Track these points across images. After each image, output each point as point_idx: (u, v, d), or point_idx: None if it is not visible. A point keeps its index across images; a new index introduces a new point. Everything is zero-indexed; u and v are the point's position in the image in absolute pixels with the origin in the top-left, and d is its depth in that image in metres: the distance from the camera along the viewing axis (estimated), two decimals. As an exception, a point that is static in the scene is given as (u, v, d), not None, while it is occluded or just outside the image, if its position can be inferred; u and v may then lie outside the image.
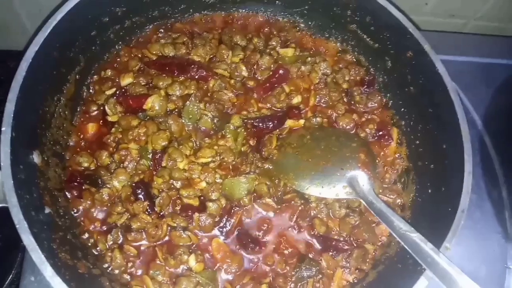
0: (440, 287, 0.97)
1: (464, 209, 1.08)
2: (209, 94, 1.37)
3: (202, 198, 1.23)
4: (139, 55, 1.43)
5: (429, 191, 1.26)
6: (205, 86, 1.38)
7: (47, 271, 0.92)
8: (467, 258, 1.41)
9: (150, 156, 1.25)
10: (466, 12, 1.86)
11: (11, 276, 1.29)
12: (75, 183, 1.20)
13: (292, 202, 1.28)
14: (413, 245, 1.04)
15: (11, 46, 1.70)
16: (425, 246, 1.02)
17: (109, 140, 1.28)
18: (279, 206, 1.27)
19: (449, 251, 1.04)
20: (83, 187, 1.21)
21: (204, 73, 1.38)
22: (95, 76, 1.38)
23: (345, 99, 1.45)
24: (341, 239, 1.26)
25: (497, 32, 1.94)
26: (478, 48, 1.83)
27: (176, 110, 1.32)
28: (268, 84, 1.42)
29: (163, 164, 1.24)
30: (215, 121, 1.33)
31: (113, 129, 1.29)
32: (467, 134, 1.16)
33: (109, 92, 1.33)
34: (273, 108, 1.40)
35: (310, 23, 1.56)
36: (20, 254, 1.30)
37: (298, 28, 1.57)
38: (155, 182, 1.22)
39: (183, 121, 1.30)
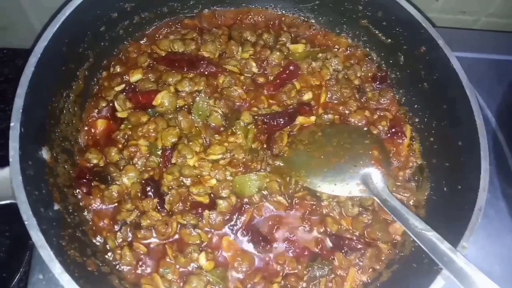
0: (455, 286, 0.95)
1: (481, 206, 1.06)
2: (219, 91, 1.36)
3: (212, 195, 1.22)
4: (148, 51, 1.41)
5: (444, 189, 1.23)
6: (215, 83, 1.36)
7: (56, 268, 0.90)
8: (482, 257, 1.39)
9: (159, 152, 1.24)
10: (477, 8, 1.84)
11: (19, 274, 1.28)
12: (84, 180, 1.19)
13: (304, 200, 1.25)
14: (429, 244, 1.01)
15: (19, 45, 1.69)
16: (442, 245, 0.99)
17: (118, 137, 1.26)
18: (290, 204, 1.24)
19: (466, 250, 1.01)
20: (92, 184, 1.20)
21: (214, 69, 1.37)
22: (104, 72, 1.37)
23: (357, 96, 1.42)
24: (354, 238, 1.23)
25: (509, 29, 1.92)
26: (490, 45, 1.81)
27: (186, 106, 1.31)
28: (278, 81, 1.40)
29: (173, 161, 1.22)
30: (225, 117, 1.31)
31: (122, 125, 1.28)
32: (483, 130, 1.14)
33: (118, 88, 1.32)
34: (283, 104, 1.38)
35: (320, 18, 1.55)
36: (29, 252, 1.29)
37: (308, 24, 1.55)
38: (164, 179, 1.20)
39: (192, 117, 1.28)
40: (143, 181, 1.20)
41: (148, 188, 1.18)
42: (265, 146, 1.30)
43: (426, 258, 1.03)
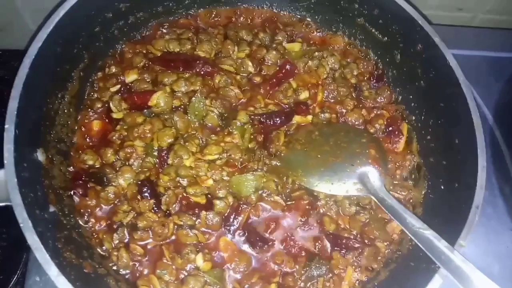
0: (454, 285, 0.95)
1: (478, 204, 1.05)
2: (215, 90, 1.35)
3: (209, 196, 1.21)
4: (144, 51, 1.41)
5: (442, 187, 1.22)
6: (211, 82, 1.35)
7: (52, 270, 0.90)
8: (480, 255, 1.39)
9: (155, 153, 1.23)
10: (473, 5, 1.83)
11: (16, 276, 1.27)
12: (80, 182, 1.18)
13: (301, 199, 1.25)
14: (427, 242, 1.01)
15: (15, 46, 1.68)
16: (439, 244, 0.99)
17: (114, 138, 1.26)
18: (287, 204, 1.24)
19: (463, 248, 1.01)
20: (88, 186, 1.19)
21: (210, 69, 1.36)
22: (99, 73, 1.36)
23: (353, 94, 1.42)
24: (352, 237, 1.23)
25: (506, 25, 1.91)
26: (487, 42, 1.80)
27: (182, 106, 1.30)
28: (275, 80, 1.40)
29: (169, 161, 1.21)
30: (221, 117, 1.30)
31: (118, 126, 1.27)
32: (480, 127, 1.13)
33: (113, 89, 1.32)
34: (280, 104, 1.38)
35: (316, 17, 1.54)
36: (26, 254, 1.28)
37: (304, 23, 1.55)
38: (161, 180, 1.20)
39: (189, 117, 1.28)
40: (139, 182, 1.19)
41: (144, 189, 1.18)
42: (261, 145, 1.30)
43: (424, 257, 1.02)
